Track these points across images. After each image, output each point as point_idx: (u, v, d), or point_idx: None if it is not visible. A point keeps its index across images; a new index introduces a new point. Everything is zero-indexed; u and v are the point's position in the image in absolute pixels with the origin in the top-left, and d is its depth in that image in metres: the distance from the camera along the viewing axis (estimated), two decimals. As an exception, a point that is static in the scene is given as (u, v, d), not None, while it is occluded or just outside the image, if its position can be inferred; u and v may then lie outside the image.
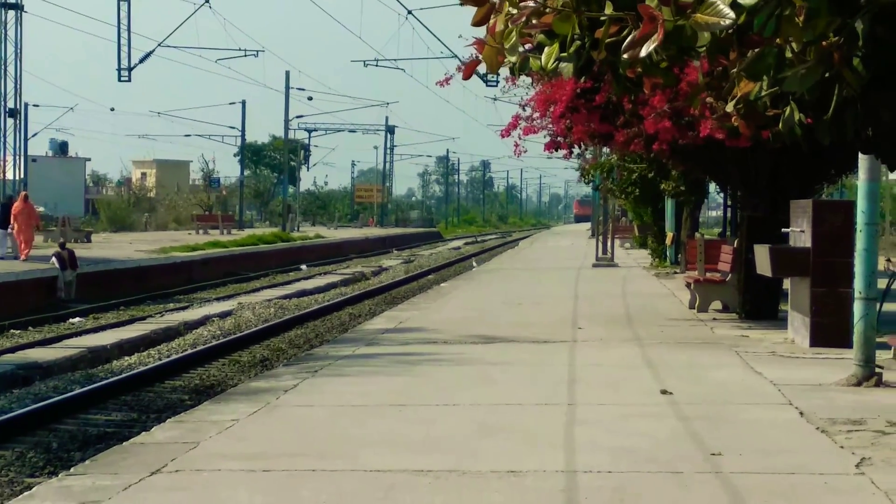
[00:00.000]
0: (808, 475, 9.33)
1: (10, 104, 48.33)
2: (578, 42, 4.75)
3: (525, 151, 22.66)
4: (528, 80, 21.32)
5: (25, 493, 9.46)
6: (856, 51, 4.70)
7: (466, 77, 5.32)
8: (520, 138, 21.69)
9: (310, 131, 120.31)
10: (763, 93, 5.32)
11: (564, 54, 4.90)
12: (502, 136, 22.06)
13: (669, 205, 43.04)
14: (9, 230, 39.23)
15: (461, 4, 4.74)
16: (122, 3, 51.63)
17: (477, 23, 4.85)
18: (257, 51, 72.31)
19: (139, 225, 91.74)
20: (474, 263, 53.91)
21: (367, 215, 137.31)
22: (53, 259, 36.01)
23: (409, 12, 59.87)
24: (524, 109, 21.88)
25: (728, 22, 4.11)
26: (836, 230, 17.10)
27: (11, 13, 48.12)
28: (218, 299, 37.25)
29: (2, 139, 48.39)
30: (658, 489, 8.83)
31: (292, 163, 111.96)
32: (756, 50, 4.76)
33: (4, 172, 49.13)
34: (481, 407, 12.54)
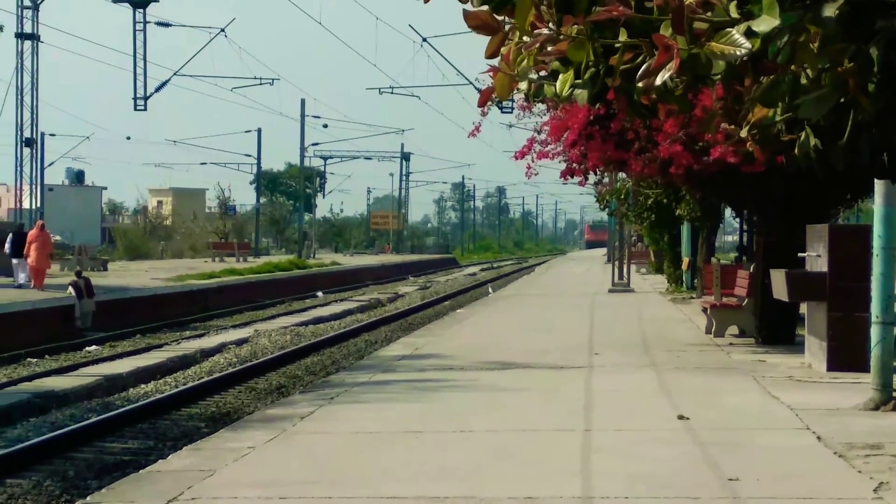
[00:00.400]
0: (826, 500, 9.31)
1: (27, 133, 48.53)
2: (593, 69, 4.76)
3: (537, 174, 22.69)
4: (543, 106, 21.34)
5: (42, 522, 9.48)
6: (871, 77, 4.69)
7: (481, 104, 5.33)
8: (533, 161, 21.76)
9: (325, 159, 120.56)
10: (778, 118, 5.32)
11: (579, 81, 4.90)
12: (516, 158, 22.17)
13: (685, 230, 43.06)
14: (25, 259, 39.25)
15: (475, 32, 4.74)
16: (137, 32, 51.85)
17: (490, 55, 4.86)
18: (273, 79, 72.59)
19: (155, 253, 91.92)
20: (490, 290, 53.91)
21: (383, 242, 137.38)
22: (70, 289, 36.05)
23: (424, 40, 60.13)
24: (539, 133, 21.98)
25: (744, 51, 4.11)
26: (852, 255, 17.08)
27: (28, 43, 48.32)
28: (234, 327, 37.29)
29: (19, 168, 48.53)
30: (675, 516, 8.81)
31: (308, 190, 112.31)
32: (771, 77, 4.76)
33: (21, 202, 49.29)
34: (497, 433, 12.54)
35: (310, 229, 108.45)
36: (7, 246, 39.44)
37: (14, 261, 39.23)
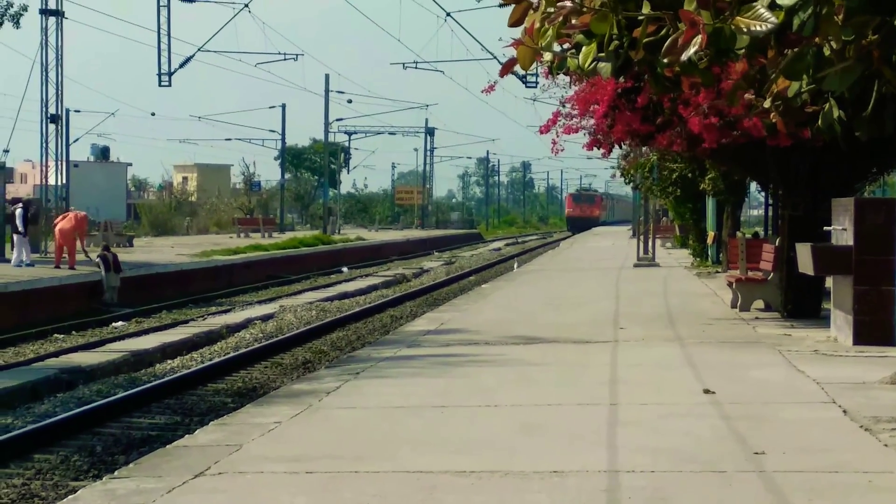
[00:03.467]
0: (852, 473, 9.30)
1: (52, 110, 48.52)
2: (616, 42, 4.76)
3: (563, 150, 22.63)
4: (566, 79, 21.26)
5: (70, 497, 9.51)
6: (894, 49, 4.69)
7: (503, 74, 5.34)
8: (557, 135, 21.67)
9: (350, 134, 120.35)
10: (803, 90, 5.31)
11: (602, 54, 4.90)
12: (541, 132, 22.04)
13: (710, 204, 42.93)
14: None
15: (500, 6, 4.75)
16: (162, 8, 51.87)
17: (514, 22, 4.86)
18: (297, 55, 72.29)
19: (180, 229, 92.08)
20: (515, 265, 53.86)
21: (409, 217, 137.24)
22: (98, 260, 36.20)
23: (448, 14, 59.86)
24: (564, 107, 21.90)
25: (769, 26, 4.11)
26: (878, 228, 17.03)
27: (52, 20, 48.31)
28: (259, 302, 37.34)
29: (44, 145, 48.60)
30: (700, 488, 8.81)
31: (332, 166, 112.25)
32: (795, 49, 4.76)
33: (47, 178, 49.32)
34: (522, 407, 12.54)
35: (334, 205, 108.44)
36: (17, 220, 39.04)
37: (15, 237, 38.80)
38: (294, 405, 12.89)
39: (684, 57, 4.17)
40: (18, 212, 39.23)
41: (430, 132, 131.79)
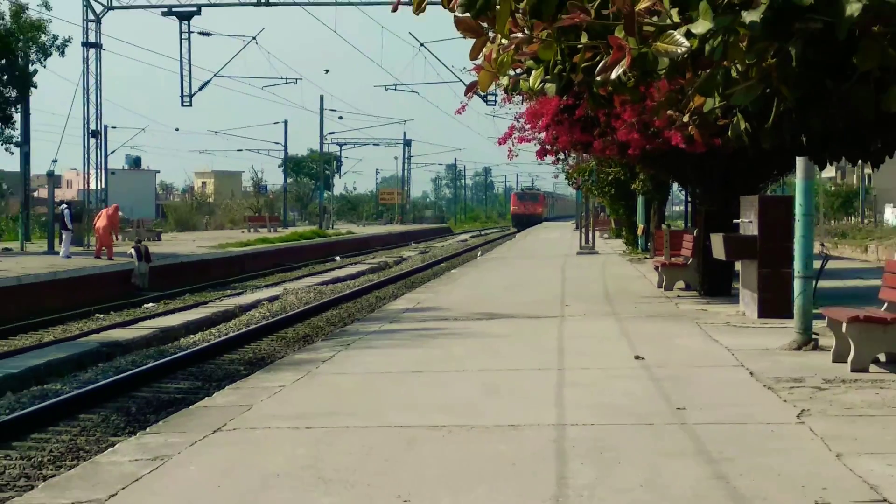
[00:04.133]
0: (757, 424, 9.34)
1: (93, 126, 48.37)
2: (560, 66, 4.75)
3: (517, 156, 22.84)
4: (520, 98, 21.34)
5: (109, 450, 9.48)
6: (791, 70, 4.68)
7: (467, 94, 5.34)
8: (513, 145, 21.90)
9: (341, 145, 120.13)
10: (715, 106, 5.31)
11: (548, 76, 4.89)
12: (499, 143, 22.27)
13: (640, 202, 43.01)
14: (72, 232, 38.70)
15: (463, 35, 4.73)
16: (183, 41, 51.58)
17: (475, 55, 4.85)
18: (296, 79, 72.10)
19: (200, 225, 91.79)
20: (479, 253, 53.79)
21: (390, 215, 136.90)
22: (132, 251, 36.18)
23: (422, 44, 59.75)
24: (518, 121, 22.09)
25: (684, 50, 4.10)
26: (778, 220, 17.08)
27: (92, 50, 48.19)
28: (267, 286, 37.27)
29: (86, 156, 48.47)
30: (633, 438, 8.83)
31: (327, 172, 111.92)
32: (707, 71, 4.75)
33: (88, 183, 49.16)
34: (486, 372, 12.55)
35: (328, 204, 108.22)
36: (64, 219, 39.08)
37: (63, 233, 38.87)
38: (296, 372, 12.87)
39: (613, 76, 4.16)
40: (65, 212, 39.20)
41: (407, 143, 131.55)
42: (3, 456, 12.28)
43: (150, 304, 30.99)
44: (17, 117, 43.42)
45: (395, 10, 4.84)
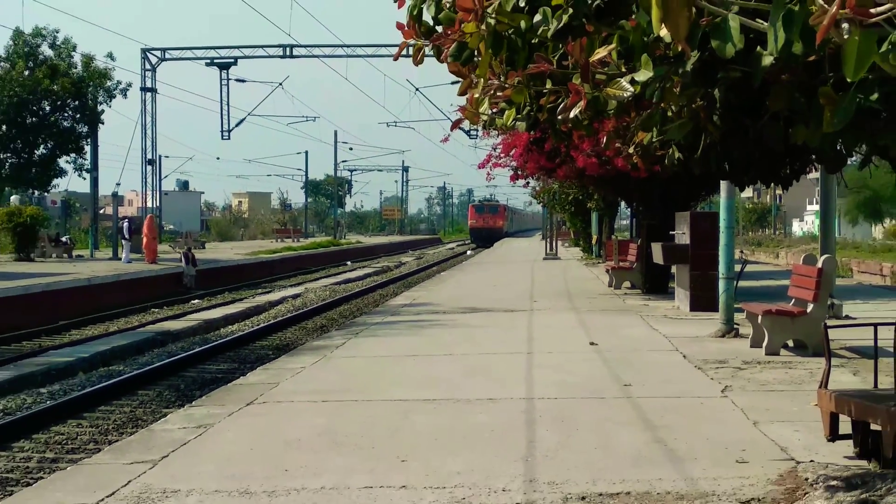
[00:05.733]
0: (689, 398, 9.34)
1: (150, 156, 48.41)
2: (528, 107, 4.75)
3: (493, 178, 23.22)
4: (495, 132, 21.52)
5: (162, 419, 9.46)
6: (715, 110, 4.68)
7: (453, 129, 5.35)
8: (490, 169, 22.20)
9: (351, 171, 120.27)
10: (654, 140, 5.31)
11: (519, 116, 4.89)
12: (479, 167, 22.63)
13: (594, 217, 43.16)
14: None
15: (453, 76, 4.73)
16: (223, 86, 51.52)
17: (462, 93, 4.86)
18: (315, 117, 72.83)
19: (237, 236, 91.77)
20: (463, 260, 53.76)
21: (391, 228, 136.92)
22: (182, 257, 36.13)
23: (417, 89, 59.83)
24: (494, 151, 22.32)
25: (629, 94, 4.10)
26: (706, 232, 17.10)
27: (149, 94, 48.20)
28: (291, 286, 37.17)
29: (144, 179, 48.44)
30: (588, 408, 8.83)
31: (340, 192, 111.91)
32: (647, 111, 4.75)
33: (146, 202, 49.17)
34: (469, 356, 12.53)
35: (341, 219, 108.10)
36: (124, 231, 39.14)
37: (123, 243, 38.88)
38: (314, 356, 12.85)
39: (571, 115, 4.16)
40: (125, 225, 39.18)
41: (405, 169, 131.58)
42: (76, 425, 12.25)
43: (196, 301, 30.90)
44: (87, 148, 43.37)
45: (396, 59, 4.84)
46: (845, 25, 2.66)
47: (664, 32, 3.05)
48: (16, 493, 7.90)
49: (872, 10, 2.64)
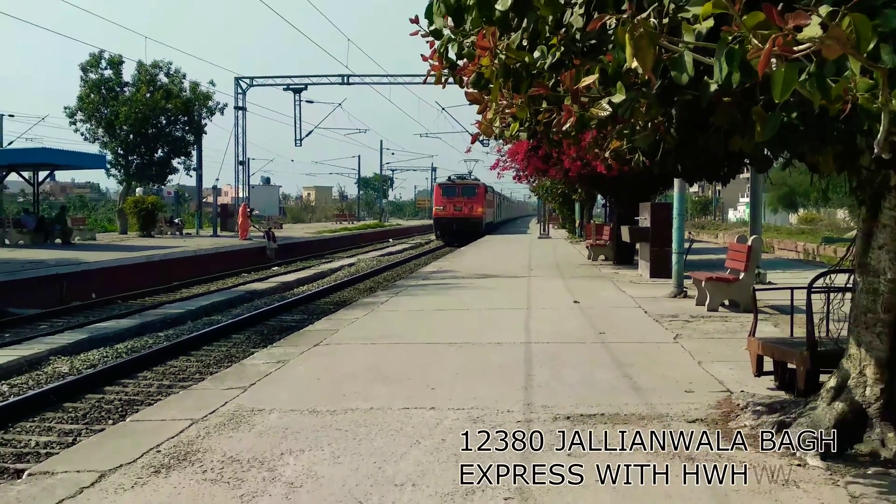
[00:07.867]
0: (650, 343, 9.32)
1: (241, 158, 48.52)
2: (529, 122, 4.73)
3: (501, 177, 23.20)
4: (502, 142, 21.44)
5: (250, 357, 9.52)
6: (672, 125, 4.66)
7: (473, 141, 5.33)
8: (500, 171, 22.19)
9: (393, 170, 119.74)
10: (624, 147, 5.28)
11: (522, 128, 4.88)
12: (491, 169, 22.62)
13: (578, 206, 42.97)
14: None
15: (470, 103, 4.72)
16: (296, 105, 51.44)
17: (479, 111, 4.86)
18: (366, 129, 72.73)
19: (306, 220, 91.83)
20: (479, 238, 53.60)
21: (424, 214, 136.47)
22: (265, 235, 36.26)
23: (443, 108, 59.79)
24: (501, 156, 22.29)
25: (607, 113, 4.08)
26: (662, 218, 17.02)
27: (240, 112, 48.28)
28: (347, 257, 37.22)
29: (236, 176, 48.57)
30: (573, 351, 8.83)
31: (384, 187, 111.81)
32: (621, 125, 4.73)
33: (238, 193, 49.35)
34: (482, 311, 12.55)
35: (385, 207, 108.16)
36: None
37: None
38: (364, 309, 12.89)
39: (564, 129, 4.15)
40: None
41: (433, 170, 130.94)
42: (185, 360, 12.35)
43: (276, 268, 31.01)
44: (193, 153, 43.65)
45: (424, 82, 4.83)
46: (774, 60, 2.65)
47: (635, 65, 3.04)
48: (141, 410, 8.00)
49: (795, 48, 2.63)
